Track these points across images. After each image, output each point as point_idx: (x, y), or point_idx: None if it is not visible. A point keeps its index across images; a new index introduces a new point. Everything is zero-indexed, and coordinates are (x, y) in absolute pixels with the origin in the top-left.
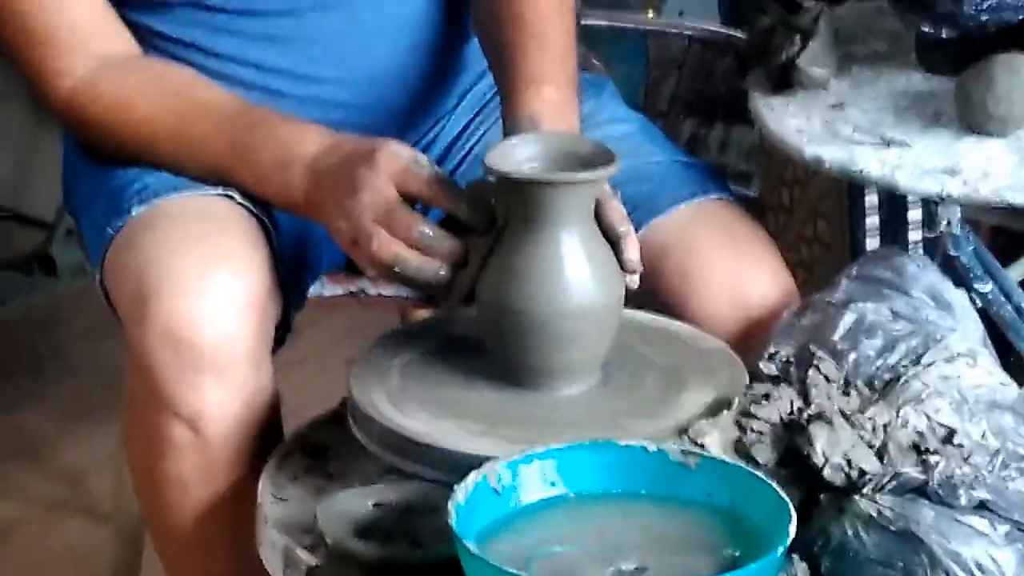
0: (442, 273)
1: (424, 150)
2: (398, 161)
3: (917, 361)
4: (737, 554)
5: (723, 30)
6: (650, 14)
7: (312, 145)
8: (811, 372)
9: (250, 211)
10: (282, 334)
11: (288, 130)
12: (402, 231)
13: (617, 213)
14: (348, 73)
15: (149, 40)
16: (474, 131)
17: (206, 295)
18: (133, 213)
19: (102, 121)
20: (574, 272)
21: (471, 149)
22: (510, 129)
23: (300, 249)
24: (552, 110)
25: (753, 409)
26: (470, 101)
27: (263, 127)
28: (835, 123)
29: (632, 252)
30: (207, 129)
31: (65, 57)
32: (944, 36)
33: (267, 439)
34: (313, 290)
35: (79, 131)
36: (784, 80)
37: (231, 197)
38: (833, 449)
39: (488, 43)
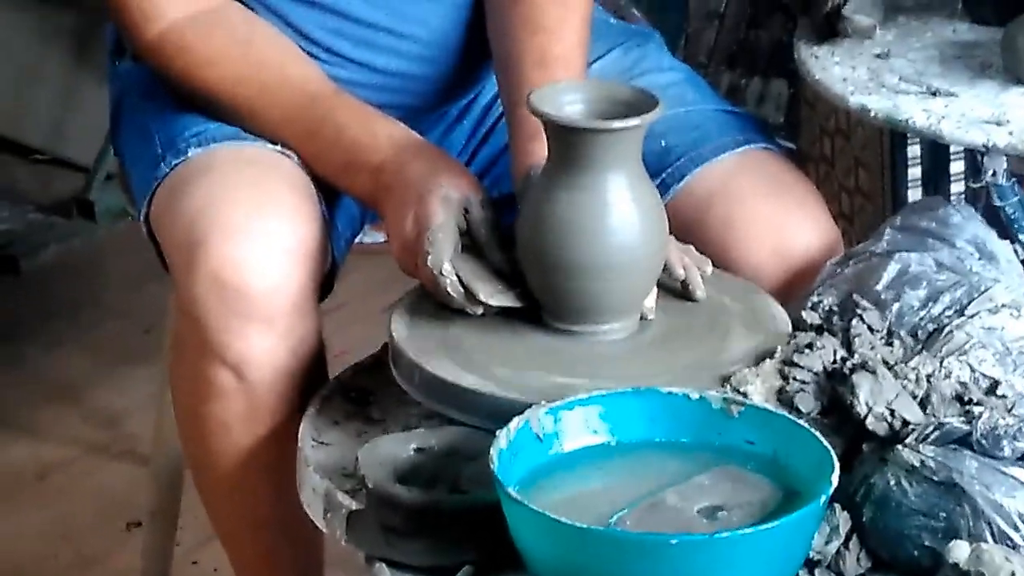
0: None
1: (464, 112)
2: (451, 204)
3: (961, 312)
4: (779, 503)
5: None
6: None
7: (379, 154)
8: (855, 322)
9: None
10: (328, 285)
11: (357, 131)
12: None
13: (674, 255)
14: (405, 43)
15: None
16: None
17: (255, 242)
18: (190, 154)
19: (183, 75)
20: (617, 215)
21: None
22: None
23: (343, 200)
24: None
25: (796, 358)
26: None
27: (334, 125)
28: (881, 72)
29: (694, 280)
30: (281, 115)
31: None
32: None
33: (312, 386)
34: None
35: (160, 74)
36: (830, 29)
37: (288, 156)
38: (876, 399)
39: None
